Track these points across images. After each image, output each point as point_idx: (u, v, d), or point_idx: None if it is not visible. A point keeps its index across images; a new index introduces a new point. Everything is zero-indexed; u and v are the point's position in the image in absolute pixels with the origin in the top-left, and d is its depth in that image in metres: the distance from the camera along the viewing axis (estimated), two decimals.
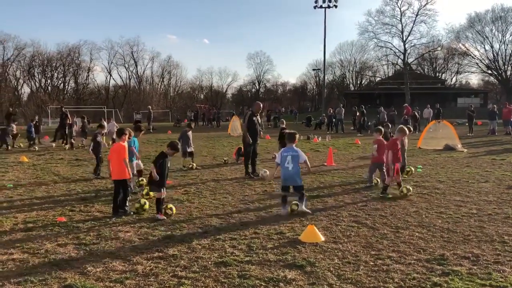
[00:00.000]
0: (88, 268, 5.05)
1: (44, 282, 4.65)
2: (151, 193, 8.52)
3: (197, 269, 5.02)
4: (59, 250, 5.71)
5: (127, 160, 7.77)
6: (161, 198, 7.39)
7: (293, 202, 7.73)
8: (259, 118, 11.97)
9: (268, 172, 11.47)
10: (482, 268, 4.98)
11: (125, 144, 8.00)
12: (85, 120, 24.95)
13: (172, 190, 9.68)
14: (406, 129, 10.28)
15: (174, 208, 7.58)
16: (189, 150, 13.39)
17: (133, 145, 9.64)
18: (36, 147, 20.16)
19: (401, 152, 9.79)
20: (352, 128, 32.49)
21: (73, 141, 20.98)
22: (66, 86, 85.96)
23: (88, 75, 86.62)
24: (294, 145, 7.84)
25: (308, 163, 7.92)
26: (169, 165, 7.70)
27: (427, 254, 5.47)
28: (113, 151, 7.80)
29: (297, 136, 8.09)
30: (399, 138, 9.74)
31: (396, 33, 63.02)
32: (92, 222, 7.12)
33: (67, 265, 5.18)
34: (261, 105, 12.10)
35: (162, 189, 7.44)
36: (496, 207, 7.96)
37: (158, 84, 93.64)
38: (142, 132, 10.41)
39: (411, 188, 9.19)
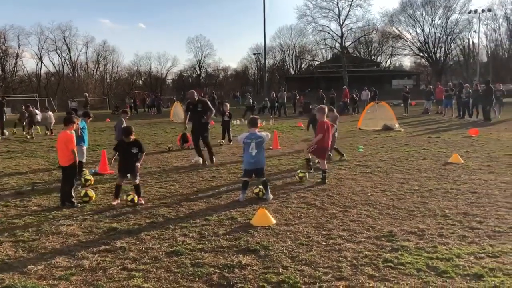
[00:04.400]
0: (29, 267, 4.70)
1: None
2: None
3: (148, 261, 4.83)
4: None
5: (75, 150, 7.47)
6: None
7: (256, 187, 7.64)
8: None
9: (201, 159, 11.19)
10: (428, 242, 5.17)
11: (73, 132, 7.66)
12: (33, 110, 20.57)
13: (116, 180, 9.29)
14: (324, 107, 9.37)
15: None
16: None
17: (82, 128, 9.59)
18: None
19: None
20: (293, 112, 33.06)
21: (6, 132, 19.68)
22: None
23: (17, 62, 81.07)
24: (256, 130, 7.57)
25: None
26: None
27: (376, 232, 5.61)
28: (60, 141, 7.48)
29: (259, 121, 7.87)
30: (325, 120, 8.98)
31: (333, 17, 64.14)
32: (30, 217, 6.66)
33: (4, 265, 4.80)
34: (195, 93, 11.54)
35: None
36: (436, 183, 8.33)
37: (93, 71, 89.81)
38: (90, 119, 10.33)
39: (307, 174, 9.07)
